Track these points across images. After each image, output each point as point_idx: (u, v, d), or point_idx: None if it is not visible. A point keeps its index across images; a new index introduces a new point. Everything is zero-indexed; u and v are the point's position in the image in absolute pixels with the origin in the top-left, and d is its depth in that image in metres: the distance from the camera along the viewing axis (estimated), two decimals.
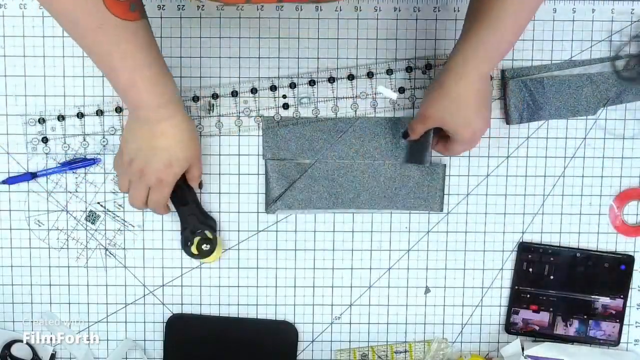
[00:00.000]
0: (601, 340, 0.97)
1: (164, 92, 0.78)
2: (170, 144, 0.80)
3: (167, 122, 0.79)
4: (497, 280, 0.97)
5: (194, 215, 0.91)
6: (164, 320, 0.96)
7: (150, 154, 0.81)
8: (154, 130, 0.79)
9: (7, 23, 0.90)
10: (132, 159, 0.82)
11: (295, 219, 0.95)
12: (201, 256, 0.92)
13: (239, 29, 0.91)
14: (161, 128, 0.79)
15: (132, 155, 0.82)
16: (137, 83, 0.75)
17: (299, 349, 0.97)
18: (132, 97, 0.77)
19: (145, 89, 0.76)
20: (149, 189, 0.84)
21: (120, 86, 0.77)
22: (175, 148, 0.81)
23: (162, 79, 0.77)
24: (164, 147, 0.80)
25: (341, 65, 0.92)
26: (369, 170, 0.93)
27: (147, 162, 0.81)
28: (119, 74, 0.75)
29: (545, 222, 0.96)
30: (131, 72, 0.75)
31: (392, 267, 0.96)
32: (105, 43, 0.72)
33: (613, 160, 0.95)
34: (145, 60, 0.75)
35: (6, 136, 0.92)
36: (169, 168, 0.82)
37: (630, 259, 0.96)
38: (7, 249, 0.94)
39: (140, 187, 0.84)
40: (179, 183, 0.87)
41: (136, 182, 0.84)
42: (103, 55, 0.74)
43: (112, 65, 0.74)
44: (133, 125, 0.81)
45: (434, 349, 0.97)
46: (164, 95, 0.78)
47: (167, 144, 0.80)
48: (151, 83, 0.76)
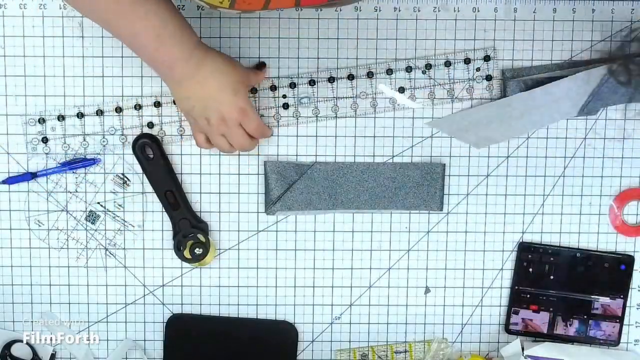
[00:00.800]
0: (601, 340, 0.97)
1: (191, 37, 0.78)
2: (217, 86, 0.80)
3: (203, 67, 0.79)
4: (497, 280, 0.97)
5: (185, 219, 0.92)
6: (164, 320, 0.96)
7: (206, 104, 0.81)
8: (196, 82, 0.80)
9: (7, 23, 0.90)
10: (195, 117, 0.83)
11: (295, 219, 0.95)
12: (194, 260, 0.92)
13: (239, 29, 0.91)
14: (201, 75, 0.79)
15: (193, 114, 0.83)
16: (164, 39, 0.75)
17: (299, 349, 0.97)
18: (163, 56, 0.77)
19: (174, 42, 0.76)
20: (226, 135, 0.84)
21: (149, 50, 0.76)
22: (224, 87, 0.81)
23: (185, 26, 0.78)
24: (214, 92, 0.80)
25: (341, 65, 0.92)
26: (368, 170, 0.93)
27: (208, 114, 0.82)
28: (145, 36, 0.75)
29: (545, 222, 0.96)
30: (155, 29, 0.75)
31: (392, 267, 0.96)
32: (124, 9, 0.72)
33: (613, 160, 0.95)
34: (167, 15, 0.75)
35: (6, 136, 0.92)
36: (232, 106, 0.82)
37: (630, 259, 0.96)
38: (7, 249, 0.94)
39: (218, 137, 0.84)
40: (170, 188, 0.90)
41: (213, 136, 0.85)
42: (124, 23, 0.74)
43: (136, 30, 0.74)
44: (176, 91, 0.82)
45: (434, 349, 0.97)
46: (191, 40, 0.78)
47: (215, 87, 0.80)
48: (178, 33, 0.76)
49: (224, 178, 0.94)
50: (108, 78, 0.91)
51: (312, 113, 0.93)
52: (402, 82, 0.92)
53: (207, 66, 0.80)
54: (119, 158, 0.93)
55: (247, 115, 0.83)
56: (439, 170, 0.93)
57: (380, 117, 0.93)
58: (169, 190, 0.91)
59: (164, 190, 0.91)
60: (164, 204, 0.92)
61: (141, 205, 0.94)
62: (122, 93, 0.92)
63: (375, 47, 0.92)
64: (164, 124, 0.92)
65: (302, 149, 0.93)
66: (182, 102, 0.83)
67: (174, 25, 0.76)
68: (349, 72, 0.92)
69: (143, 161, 0.91)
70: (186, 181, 0.93)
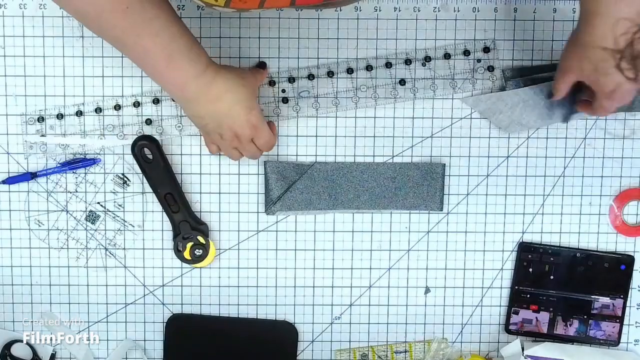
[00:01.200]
0: (601, 340, 0.97)
1: (200, 54, 0.78)
2: (230, 104, 0.80)
3: (215, 85, 0.79)
4: (497, 280, 0.97)
5: (185, 221, 0.92)
6: (164, 320, 0.96)
7: (219, 122, 0.81)
8: (208, 100, 0.79)
9: (7, 23, 0.90)
10: (208, 132, 0.84)
11: (295, 219, 0.95)
12: (194, 261, 0.92)
13: (239, 29, 0.91)
14: (213, 94, 0.79)
15: (206, 130, 0.84)
16: (174, 56, 0.75)
17: (299, 349, 0.97)
18: (174, 74, 0.76)
19: (184, 59, 0.76)
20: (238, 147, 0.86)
21: (160, 69, 0.76)
22: (238, 105, 0.81)
23: (195, 44, 0.77)
24: (227, 110, 0.80)
25: (341, 64, 0.92)
26: (368, 170, 0.93)
27: (221, 131, 0.82)
28: (154, 53, 0.74)
29: (545, 222, 0.96)
30: (166, 46, 0.74)
31: (392, 267, 0.96)
32: (134, 25, 0.72)
33: (613, 160, 0.95)
34: (175, 31, 0.74)
35: (6, 136, 0.92)
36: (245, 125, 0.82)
37: (630, 259, 0.96)
38: (7, 249, 0.94)
39: (231, 150, 0.86)
40: (169, 190, 0.90)
41: (226, 149, 0.86)
42: (135, 39, 0.73)
43: (146, 47, 0.74)
44: (188, 110, 0.82)
45: (434, 349, 0.97)
46: (201, 58, 0.78)
47: (227, 105, 0.80)
48: (187, 49, 0.76)
49: (224, 178, 0.94)
50: (108, 78, 0.91)
51: (312, 106, 0.92)
52: (402, 73, 0.92)
53: (219, 84, 0.79)
54: (119, 158, 0.93)
55: (258, 131, 0.84)
56: (439, 170, 0.93)
57: (380, 117, 0.93)
58: (168, 192, 0.91)
59: (163, 193, 0.91)
60: (164, 206, 0.92)
61: (141, 205, 0.94)
62: (122, 93, 0.92)
63: (375, 47, 0.92)
64: (163, 121, 0.92)
65: (302, 149, 0.93)
66: (195, 119, 0.83)
67: (184, 43, 0.75)
68: (348, 66, 0.91)
69: (142, 163, 0.91)
70: (186, 181, 0.93)
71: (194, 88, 0.78)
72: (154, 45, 0.74)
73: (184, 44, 0.75)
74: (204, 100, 0.79)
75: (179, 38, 0.75)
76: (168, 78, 0.77)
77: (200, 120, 0.82)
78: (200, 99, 0.79)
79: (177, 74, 0.76)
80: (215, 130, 0.83)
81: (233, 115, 0.81)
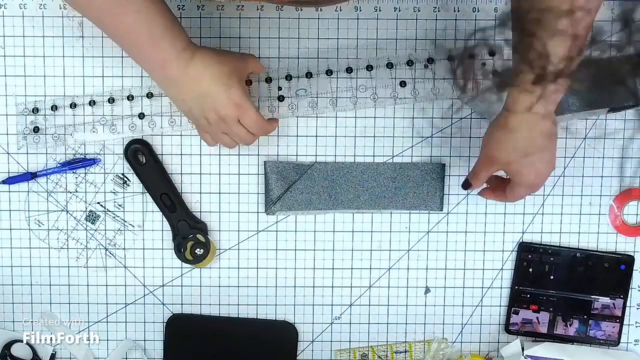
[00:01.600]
0: (601, 340, 0.97)
1: (181, 35, 0.78)
2: (208, 82, 0.80)
3: (194, 63, 0.79)
4: (497, 280, 0.97)
5: (183, 220, 0.92)
6: (164, 320, 0.96)
7: (202, 104, 0.81)
8: (188, 81, 0.79)
9: (7, 23, 0.90)
10: (195, 118, 0.83)
11: (295, 219, 0.95)
12: (196, 261, 0.92)
13: (239, 29, 0.91)
14: (192, 72, 0.79)
15: (193, 116, 0.83)
16: (156, 36, 0.76)
17: (299, 349, 0.97)
18: (155, 53, 0.77)
19: (166, 39, 0.76)
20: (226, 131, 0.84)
21: (141, 48, 0.77)
22: (216, 82, 0.80)
23: (176, 24, 0.78)
24: (206, 89, 0.80)
25: (341, 64, 0.92)
26: (368, 170, 0.93)
27: (206, 114, 0.81)
28: (137, 32, 0.75)
29: (545, 222, 0.96)
30: (149, 24, 0.75)
31: (392, 267, 0.96)
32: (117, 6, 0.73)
33: (613, 160, 0.95)
34: (158, 9, 0.75)
35: (6, 136, 0.92)
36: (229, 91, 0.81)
37: (630, 259, 0.96)
38: (7, 249, 0.94)
39: (221, 136, 0.84)
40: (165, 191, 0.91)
41: (216, 134, 0.84)
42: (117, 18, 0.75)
43: (128, 26, 0.75)
44: (172, 93, 0.81)
45: (434, 349, 0.97)
46: (182, 37, 0.78)
47: (206, 84, 0.80)
48: (169, 31, 0.77)
49: (224, 178, 0.94)
50: (108, 78, 0.91)
51: (309, 105, 0.92)
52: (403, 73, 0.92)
53: (197, 63, 0.79)
54: (119, 158, 0.93)
55: (244, 111, 0.81)
56: (439, 170, 0.93)
57: (380, 117, 0.93)
58: (164, 193, 0.92)
59: (159, 194, 0.92)
60: (161, 207, 0.92)
61: (141, 205, 0.94)
62: (122, 93, 0.92)
63: (376, 47, 0.92)
64: (154, 116, 0.92)
65: (302, 149, 0.93)
66: (180, 104, 0.82)
67: (165, 22, 0.76)
68: (348, 65, 0.91)
69: (136, 166, 0.91)
70: (185, 181, 0.93)
71: (175, 68, 0.78)
72: (135, 23, 0.75)
73: (165, 24, 0.76)
74: (185, 79, 0.79)
75: (160, 19, 0.76)
76: (149, 58, 0.78)
77: (184, 104, 0.82)
78: (180, 79, 0.79)
79: (158, 54, 0.77)
80: (201, 115, 0.82)
81: (212, 94, 0.80)
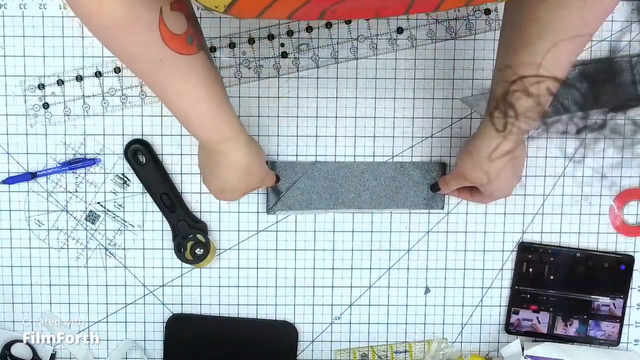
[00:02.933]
0: (601, 340, 0.97)
1: (221, 128, 0.75)
2: (226, 175, 0.80)
3: (223, 156, 0.78)
4: (497, 280, 0.96)
5: (183, 220, 0.92)
6: (164, 320, 0.96)
7: (210, 177, 0.82)
8: (212, 158, 0.79)
9: (7, 23, 0.90)
10: (200, 170, 0.84)
11: (295, 219, 0.95)
12: (196, 261, 0.92)
13: (239, 29, 0.91)
14: (218, 159, 0.78)
15: (200, 168, 0.84)
16: (192, 119, 0.73)
17: (299, 349, 0.97)
18: (189, 130, 0.76)
19: (200, 125, 0.74)
20: None
21: (178, 118, 0.75)
22: (232, 179, 0.80)
23: (219, 114, 0.74)
24: (221, 176, 0.80)
25: None
26: (369, 170, 0.93)
27: (207, 181, 0.83)
28: (175, 108, 0.73)
29: (545, 222, 0.96)
30: (186, 107, 0.72)
31: (392, 267, 0.96)
32: (161, 79, 0.70)
33: (613, 160, 0.95)
34: (200, 96, 0.72)
35: (6, 136, 0.92)
36: (222, 194, 0.83)
37: (630, 259, 0.96)
38: (7, 249, 0.94)
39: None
40: (165, 191, 0.91)
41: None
42: (159, 89, 0.72)
43: (168, 99, 0.72)
44: (199, 144, 0.81)
45: (434, 349, 0.97)
46: (220, 131, 0.75)
47: (223, 173, 0.80)
48: (206, 119, 0.74)
49: None
50: (108, 78, 0.91)
51: (312, 60, 0.92)
52: (401, 22, 0.91)
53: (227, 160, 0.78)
54: (119, 158, 0.93)
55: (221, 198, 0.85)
56: (440, 169, 0.93)
57: (380, 118, 0.93)
58: (164, 193, 0.92)
59: (159, 194, 0.92)
60: (161, 207, 0.92)
61: (141, 205, 0.94)
62: (123, 93, 0.92)
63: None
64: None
65: (302, 149, 0.93)
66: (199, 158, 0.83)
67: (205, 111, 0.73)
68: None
69: (136, 167, 0.91)
70: (185, 181, 0.93)
71: (205, 144, 0.78)
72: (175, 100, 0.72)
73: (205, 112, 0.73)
74: (207, 154, 0.80)
75: (201, 104, 0.72)
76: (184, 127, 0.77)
77: (198, 157, 0.83)
78: (205, 149, 0.80)
79: (192, 131, 0.76)
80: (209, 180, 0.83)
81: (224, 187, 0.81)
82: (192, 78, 0.70)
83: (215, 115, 0.74)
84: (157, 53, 0.67)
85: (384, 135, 0.93)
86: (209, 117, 0.74)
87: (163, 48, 0.67)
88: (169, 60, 0.68)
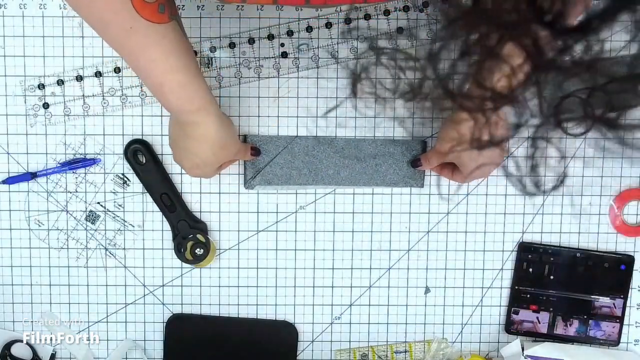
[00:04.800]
0: (601, 340, 0.97)
1: (193, 97, 0.75)
2: (198, 147, 0.80)
3: (196, 127, 0.78)
4: (497, 280, 0.96)
5: (183, 220, 0.92)
6: (164, 320, 0.96)
7: (183, 152, 0.82)
8: (185, 131, 0.79)
9: (7, 23, 0.90)
10: (172, 147, 0.84)
11: (295, 218, 0.95)
12: (196, 261, 0.92)
13: (239, 29, 0.91)
14: (190, 131, 0.78)
15: (172, 145, 0.83)
16: (165, 87, 0.74)
17: (299, 349, 0.97)
18: (161, 99, 0.76)
19: (173, 93, 0.74)
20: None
21: (150, 88, 0.75)
22: (204, 152, 0.80)
23: (191, 84, 0.75)
24: (193, 149, 0.80)
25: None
26: (349, 146, 0.93)
27: (179, 157, 0.83)
28: (148, 76, 0.73)
29: (545, 222, 0.96)
30: (159, 76, 0.73)
31: (392, 267, 0.96)
32: (134, 46, 0.71)
33: (613, 160, 0.95)
34: (173, 64, 0.72)
35: (6, 136, 0.92)
36: (196, 169, 0.82)
37: (630, 259, 0.96)
38: (7, 249, 0.94)
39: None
40: (164, 191, 0.91)
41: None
42: (132, 57, 0.72)
43: (141, 67, 0.73)
44: (170, 119, 0.82)
45: (434, 349, 0.97)
46: (192, 101, 0.76)
47: (196, 146, 0.80)
48: (180, 87, 0.74)
49: (224, 178, 0.94)
50: (108, 78, 0.91)
51: (312, 60, 0.92)
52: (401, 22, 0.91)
53: (199, 131, 0.78)
54: (119, 158, 0.93)
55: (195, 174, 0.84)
56: (420, 147, 0.93)
57: (380, 118, 0.93)
58: (163, 193, 0.92)
59: (159, 194, 0.92)
60: (161, 207, 0.92)
61: (141, 205, 0.94)
62: (123, 93, 0.92)
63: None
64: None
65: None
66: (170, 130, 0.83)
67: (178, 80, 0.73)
68: (346, 15, 0.91)
69: (136, 167, 0.91)
70: (185, 181, 0.93)
71: (177, 116, 0.78)
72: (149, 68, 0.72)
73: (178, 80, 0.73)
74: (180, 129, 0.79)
75: (174, 72, 0.73)
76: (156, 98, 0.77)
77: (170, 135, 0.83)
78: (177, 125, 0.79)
79: (164, 101, 0.76)
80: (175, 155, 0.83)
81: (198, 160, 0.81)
82: (166, 46, 0.71)
83: (189, 84, 0.75)
84: (128, 20, 0.68)
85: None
86: (182, 85, 0.74)
87: (134, 16, 0.68)
88: (141, 28, 0.69)
